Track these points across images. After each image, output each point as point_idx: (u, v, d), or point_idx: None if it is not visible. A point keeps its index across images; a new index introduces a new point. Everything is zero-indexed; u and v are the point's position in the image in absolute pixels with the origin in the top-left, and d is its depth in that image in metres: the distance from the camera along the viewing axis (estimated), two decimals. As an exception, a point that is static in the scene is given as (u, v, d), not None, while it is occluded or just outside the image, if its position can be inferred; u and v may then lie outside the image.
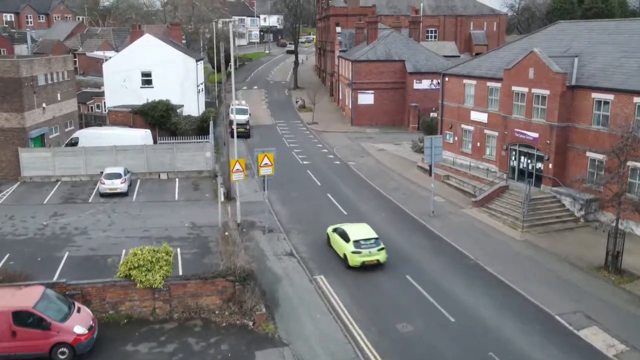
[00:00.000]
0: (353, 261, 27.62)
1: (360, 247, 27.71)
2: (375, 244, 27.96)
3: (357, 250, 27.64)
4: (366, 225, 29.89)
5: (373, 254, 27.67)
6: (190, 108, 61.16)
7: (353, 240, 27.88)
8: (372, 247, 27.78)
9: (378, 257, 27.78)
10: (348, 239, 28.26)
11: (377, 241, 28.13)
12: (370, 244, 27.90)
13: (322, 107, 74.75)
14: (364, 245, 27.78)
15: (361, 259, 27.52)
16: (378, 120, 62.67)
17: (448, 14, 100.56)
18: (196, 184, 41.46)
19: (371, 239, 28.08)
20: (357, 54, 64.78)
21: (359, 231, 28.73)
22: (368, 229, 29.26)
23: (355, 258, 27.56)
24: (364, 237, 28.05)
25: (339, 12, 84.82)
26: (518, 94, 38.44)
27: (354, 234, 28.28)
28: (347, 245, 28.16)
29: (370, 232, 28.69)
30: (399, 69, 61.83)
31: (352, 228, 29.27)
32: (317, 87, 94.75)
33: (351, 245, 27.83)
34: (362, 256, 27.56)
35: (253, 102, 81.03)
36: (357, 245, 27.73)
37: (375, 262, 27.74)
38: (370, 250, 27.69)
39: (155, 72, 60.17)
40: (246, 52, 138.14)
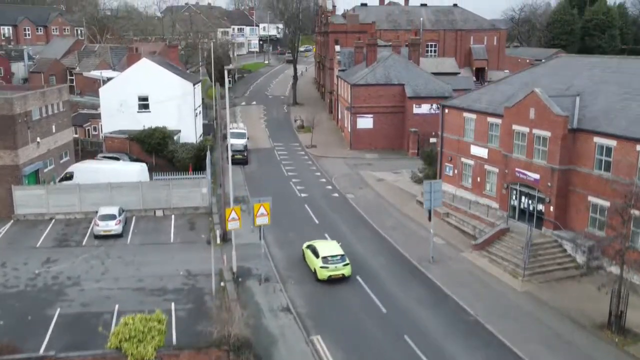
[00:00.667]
0: (321, 275, 31.57)
1: (328, 262, 31.61)
2: (341, 260, 31.86)
3: (325, 265, 31.59)
4: (335, 243, 33.79)
5: (339, 269, 31.60)
6: (188, 133, 60.54)
7: (322, 256, 31.81)
8: (338, 263, 31.68)
9: (343, 271, 31.72)
10: (318, 255, 32.13)
11: (343, 257, 32.04)
12: (336, 260, 31.78)
13: (321, 126, 74.11)
14: (331, 261, 31.67)
15: (328, 273, 31.47)
16: (377, 144, 62.09)
17: (448, 28, 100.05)
18: (192, 222, 40.86)
19: (337, 255, 31.97)
20: (356, 77, 64.19)
21: (328, 248, 32.57)
22: (336, 246, 33.12)
23: (323, 272, 31.51)
24: (331, 253, 31.96)
25: (338, 29, 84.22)
26: (519, 134, 37.83)
27: (323, 251, 32.13)
28: (317, 260, 32.01)
29: (337, 250, 32.49)
30: (398, 93, 61.23)
31: (322, 245, 33.14)
32: (316, 102, 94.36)
33: (320, 261, 31.74)
34: (329, 270, 31.49)
35: (252, 121, 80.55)
36: (325, 261, 31.67)
37: (341, 276, 31.63)
38: (337, 266, 31.59)
39: (153, 97, 59.54)
40: (245, 63, 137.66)
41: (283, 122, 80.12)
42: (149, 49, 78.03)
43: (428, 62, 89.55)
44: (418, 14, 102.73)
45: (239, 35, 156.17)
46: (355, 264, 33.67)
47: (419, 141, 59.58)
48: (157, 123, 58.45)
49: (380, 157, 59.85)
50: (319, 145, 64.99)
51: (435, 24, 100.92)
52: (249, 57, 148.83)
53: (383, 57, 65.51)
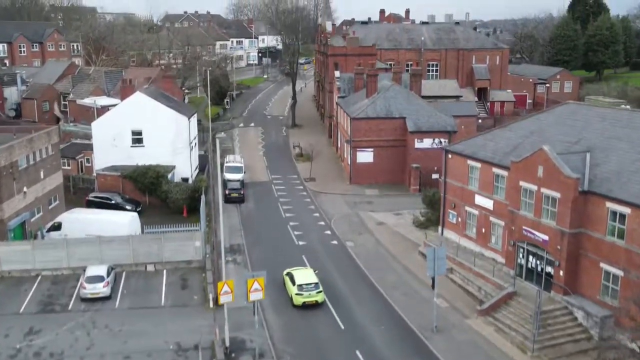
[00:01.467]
0: (296, 301, 35.02)
1: (303, 290, 35.02)
2: (315, 288, 35.22)
3: (299, 292, 34.99)
4: (311, 271, 37.15)
5: (312, 296, 34.97)
6: (183, 167, 58.92)
7: (297, 284, 35.31)
8: (312, 290, 35.03)
9: (316, 298, 35.07)
10: (294, 282, 35.59)
11: (317, 285, 35.38)
12: (310, 287, 35.15)
13: (320, 153, 72.39)
14: (306, 288, 35.06)
15: (302, 300, 34.90)
16: (378, 178, 60.35)
17: (450, 47, 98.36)
18: (184, 279, 39.13)
19: (311, 283, 35.36)
20: (356, 107, 62.46)
21: (303, 276, 36.03)
22: (311, 274, 36.46)
23: (298, 299, 34.97)
24: (306, 282, 35.42)
25: (337, 51, 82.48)
26: (526, 190, 36.12)
27: (299, 279, 35.65)
28: (293, 287, 35.46)
29: (312, 278, 35.84)
30: (399, 127, 59.50)
31: (298, 273, 36.59)
32: (315, 124, 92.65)
33: (295, 289, 35.19)
34: (303, 297, 34.89)
35: (249, 146, 78.87)
36: (300, 288, 35.12)
37: (315, 302, 35.02)
38: (310, 293, 34.96)
39: (146, 131, 57.91)
40: (244, 78, 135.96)
41: (282, 148, 78.38)
42: (144, 74, 76.38)
43: (429, 85, 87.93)
44: (419, 33, 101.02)
45: (238, 47, 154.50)
46: (355, 335, 32.03)
47: (421, 177, 57.85)
48: (151, 158, 57.07)
49: (381, 193, 58.10)
50: (318, 178, 63.26)
51: (437, 42, 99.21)
52: (248, 70, 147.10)
53: (384, 87, 63.78)
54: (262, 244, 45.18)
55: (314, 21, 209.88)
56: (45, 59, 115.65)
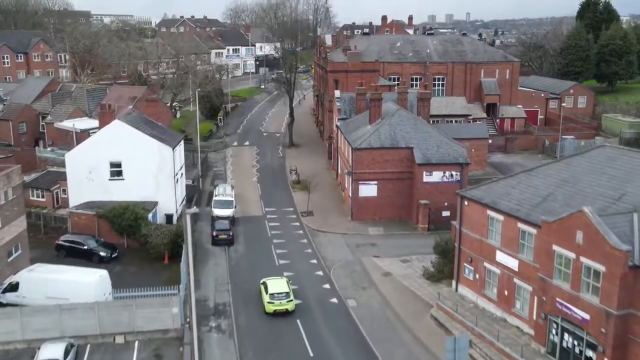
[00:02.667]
0: (268, 309, 37.16)
1: (274, 298, 37.19)
2: (286, 297, 37.35)
3: (271, 301, 37.13)
4: (283, 281, 39.02)
5: (283, 304, 37.05)
6: (167, 202, 53.30)
7: (269, 293, 37.49)
8: (283, 299, 37.17)
9: (287, 306, 37.15)
10: (267, 291, 37.71)
11: (288, 294, 37.50)
12: (282, 296, 37.29)
13: (319, 178, 66.85)
14: (277, 297, 37.25)
15: (274, 308, 36.98)
16: (382, 213, 54.68)
17: (457, 60, 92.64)
18: (159, 355, 33.44)
19: (283, 292, 37.45)
20: (358, 135, 56.78)
21: (276, 286, 38.13)
22: (284, 284, 38.46)
23: (270, 307, 37.06)
24: (278, 291, 37.55)
25: (337, 67, 76.74)
26: (561, 257, 30.49)
27: (271, 288, 37.82)
28: (265, 296, 37.60)
29: (284, 287, 37.88)
30: (406, 157, 53.83)
31: (272, 283, 38.69)
32: (313, 143, 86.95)
33: (268, 297, 37.33)
34: (274, 305, 36.98)
35: (242, 170, 73.24)
36: (272, 297, 37.29)
37: (285, 310, 37.09)
38: (281, 301, 37.06)
39: (126, 163, 52.36)
40: (240, 88, 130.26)
41: (277, 173, 72.69)
42: (130, 93, 70.73)
43: (436, 103, 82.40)
44: (424, 44, 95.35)
45: (234, 56, 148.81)
46: None
47: (430, 215, 52.19)
48: (132, 193, 51.61)
49: (386, 232, 52.41)
50: (316, 211, 57.60)
51: (443, 55, 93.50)
52: (244, 80, 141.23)
53: (388, 112, 58.10)
54: (252, 304, 39.47)
55: (314, 26, 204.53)
56: (31, 70, 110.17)
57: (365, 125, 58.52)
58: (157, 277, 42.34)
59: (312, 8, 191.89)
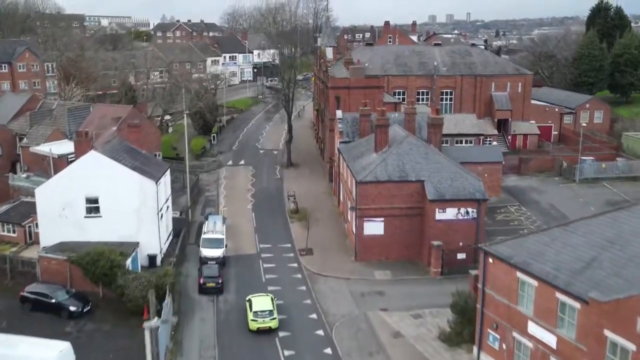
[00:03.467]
0: (251, 326, 37.22)
1: (258, 316, 37.22)
2: (269, 315, 37.39)
3: (254, 318, 37.18)
4: (268, 298, 39.07)
5: (266, 322, 37.06)
6: (150, 242, 47.96)
7: (253, 311, 37.57)
8: (266, 317, 37.19)
9: (270, 324, 37.16)
10: (252, 309, 37.85)
11: (272, 312, 37.57)
12: (265, 314, 37.36)
13: (319, 206, 61.50)
14: (260, 314, 37.30)
15: (257, 325, 37.04)
16: (389, 253, 49.19)
17: (466, 73, 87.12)
18: None
19: (266, 310, 37.53)
20: (362, 165, 51.25)
21: (260, 303, 38.19)
22: (268, 301, 38.51)
23: (253, 324, 37.15)
24: (261, 309, 37.58)
25: (339, 83, 71.09)
26: (616, 346, 25.03)
27: (255, 306, 37.94)
28: (250, 314, 37.72)
29: (268, 305, 38.06)
30: (416, 192, 48.32)
31: (256, 300, 38.80)
32: (313, 162, 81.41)
33: (251, 315, 37.46)
34: (258, 323, 37.03)
35: (236, 195, 67.71)
36: (255, 314, 37.38)
37: (268, 328, 37.10)
38: (264, 319, 37.10)
39: (104, 198, 47.06)
40: (237, 98, 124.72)
41: (274, 198, 67.16)
42: (114, 113, 65.16)
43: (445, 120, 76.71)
44: (431, 56, 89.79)
45: (231, 63, 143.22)
46: None
47: (443, 257, 46.69)
48: (110, 231, 46.44)
49: (394, 277, 46.88)
50: (316, 248, 52.08)
51: (451, 67, 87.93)
52: (242, 88, 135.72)
53: (396, 138, 52.59)
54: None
55: (314, 30, 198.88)
56: (16, 81, 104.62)
57: (370, 153, 52.98)
58: (133, 338, 36.77)
59: (312, 12, 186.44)
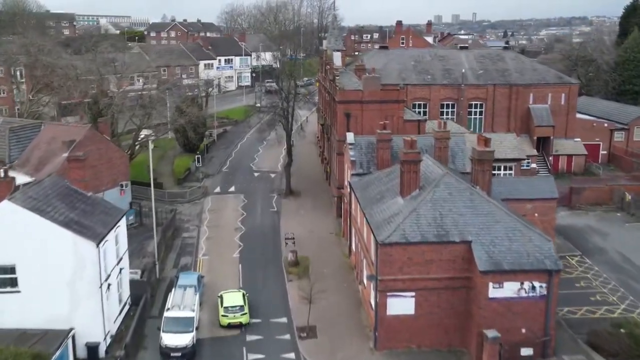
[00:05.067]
0: (222, 321, 37.68)
1: (228, 311, 37.75)
2: (240, 310, 37.87)
3: (225, 314, 37.77)
4: (239, 294, 39.56)
5: (237, 317, 37.63)
6: (89, 326, 34.58)
7: (224, 306, 38.09)
8: (237, 312, 37.74)
9: (241, 319, 37.69)
10: (222, 304, 38.27)
11: (242, 308, 37.99)
12: (236, 309, 37.86)
13: (324, 252, 48.39)
14: (231, 310, 37.80)
15: (228, 321, 37.59)
16: (423, 340, 35.60)
17: (499, 82, 73.55)
18: None
19: (237, 306, 38.01)
20: (384, 215, 37.68)
21: (231, 299, 38.66)
22: (239, 297, 38.99)
23: (224, 320, 37.68)
24: (232, 304, 38.10)
25: (349, 97, 57.36)
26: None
27: (226, 302, 38.41)
28: (220, 309, 38.14)
29: (238, 301, 38.47)
30: (460, 256, 34.70)
31: (227, 296, 39.17)
32: (317, 189, 67.76)
33: (222, 310, 37.96)
34: (228, 318, 37.63)
35: (221, 237, 54.27)
36: (226, 310, 37.89)
37: (239, 324, 37.61)
38: (235, 314, 37.64)
39: (24, 266, 33.76)
40: (232, 106, 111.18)
41: (268, 241, 53.66)
42: (66, 135, 51.65)
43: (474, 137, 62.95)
44: (457, 61, 76.25)
45: (227, 67, 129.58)
46: None
47: (501, 353, 33.01)
48: (33, 312, 33.31)
49: (431, 379, 33.33)
50: (321, 327, 38.60)
51: (482, 75, 74.33)
52: (238, 95, 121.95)
53: (428, 178, 39.00)
54: None
55: (318, 30, 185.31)
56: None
57: (393, 196, 39.38)
58: None
59: (316, 11, 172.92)
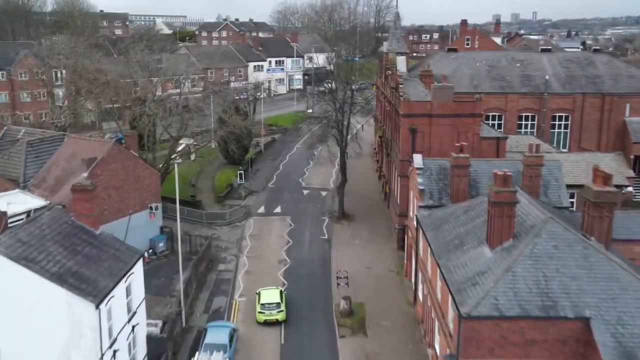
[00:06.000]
0: (259, 318, 38.51)
1: (265, 308, 38.52)
2: (277, 307, 38.53)
3: (262, 311, 38.53)
4: (276, 291, 40.04)
5: (273, 314, 38.32)
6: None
7: (261, 303, 38.88)
8: (273, 309, 38.43)
9: (277, 316, 38.36)
10: (260, 301, 39.15)
11: (279, 305, 38.63)
12: (272, 306, 38.56)
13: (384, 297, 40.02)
14: (268, 307, 38.54)
15: (264, 317, 38.36)
16: None
17: (589, 90, 63.16)
18: None
19: (273, 303, 38.72)
20: (465, 272, 28.89)
21: (268, 296, 39.36)
22: (276, 294, 39.55)
23: (260, 316, 38.49)
24: (269, 301, 38.83)
25: (416, 110, 48.51)
26: None
27: (263, 299, 39.21)
28: (257, 306, 39.01)
29: (275, 298, 39.12)
30: (573, 337, 25.58)
31: (265, 293, 39.90)
32: (375, 211, 59.25)
33: (259, 307, 38.79)
34: (265, 315, 38.39)
35: (262, 271, 46.50)
36: (262, 307, 38.64)
37: (275, 320, 38.26)
38: (272, 312, 38.36)
39: (4, 333, 26.55)
40: (281, 113, 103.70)
41: (317, 280, 45.49)
42: (88, 152, 44.89)
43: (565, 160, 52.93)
44: (538, 65, 66.22)
45: (278, 69, 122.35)
46: None
47: None
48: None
49: None
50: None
51: (567, 82, 64.11)
52: (289, 99, 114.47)
53: (524, 224, 29.88)
54: None
55: (375, 30, 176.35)
56: (16, 90, 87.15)
57: (477, 245, 30.50)
58: None
59: (373, 9, 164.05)
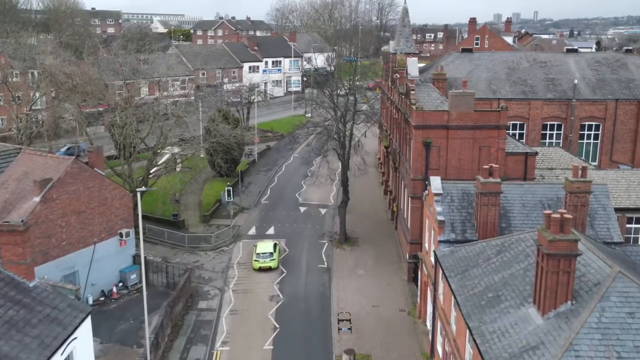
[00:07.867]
0: (254, 265, 45.10)
1: (259, 257, 45.25)
2: (269, 256, 45.27)
3: (257, 259, 45.22)
4: (270, 243, 46.82)
5: (267, 262, 44.99)
6: None
7: (256, 252, 45.69)
8: (266, 258, 45.15)
9: (270, 264, 45.00)
10: (255, 251, 45.81)
11: (272, 254, 45.33)
12: (265, 255, 45.25)
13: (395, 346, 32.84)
14: (262, 256, 45.25)
15: (258, 265, 44.97)
16: None
17: (622, 96, 55.98)
18: None
19: (267, 252, 45.45)
20: (511, 352, 21.81)
21: (262, 247, 46.18)
22: (269, 245, 46.42)
23: (255, 264, 45.09)
24: (263, 251, 45.63)
25: (430, 120, 41.43)
26: None
27: (258, 249, 45.99)
28: (254, 255, 45.73)
29: (269, 248, 45.92)
30: None
31: (260, 245, 46.76)
32: (380, 234, 52.17)
33: (255, 256, 45.53)
34: (259, 263, 45.04)
35: (250, 311, 39.27)
36: (257, 256, 45.35)
37: (268, 268, 44.92)
38: (265, 260, 45.06)
39: None
40: (278, 118, 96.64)
41: (314, 322, 38.42)
42: (43, 170, 37.72)
43: (603, 178, 45.77)
44: (564, 68, 59.05)
45: (274, 70, 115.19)
46: None
47: None
48: None
49: None
50: None
51: (598, 87, 56.99)
52: (286, 102, 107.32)
53: (583, 278, 22.71)
54: None
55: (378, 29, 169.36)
56: (-13, 94, 79.82)
57: (520, 305, 23.36)
58: None
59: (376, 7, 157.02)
